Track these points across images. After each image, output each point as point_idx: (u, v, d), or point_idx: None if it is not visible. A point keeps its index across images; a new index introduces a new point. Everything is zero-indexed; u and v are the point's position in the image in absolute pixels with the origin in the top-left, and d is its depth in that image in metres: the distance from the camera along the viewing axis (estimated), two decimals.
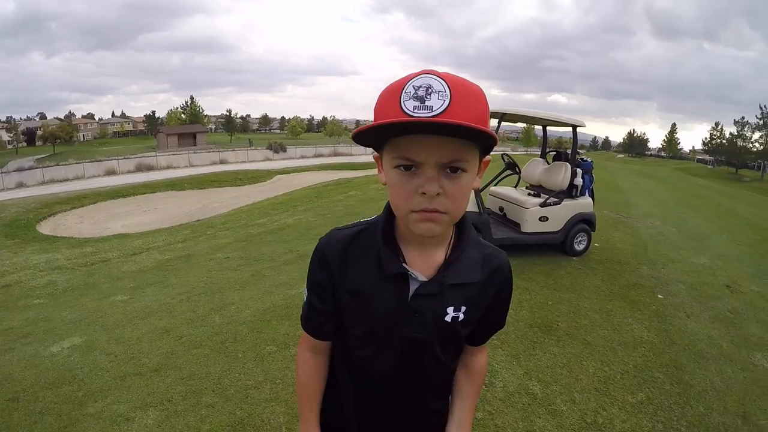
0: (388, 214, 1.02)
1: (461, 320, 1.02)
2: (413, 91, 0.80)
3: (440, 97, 0.79)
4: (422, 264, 1.00)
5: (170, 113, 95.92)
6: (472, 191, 3.96)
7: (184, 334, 4.05)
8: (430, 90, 0.79)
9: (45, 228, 14.95)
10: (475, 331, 1.10)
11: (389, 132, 0.83)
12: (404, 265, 0.98)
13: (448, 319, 1.01)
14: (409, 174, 0.85)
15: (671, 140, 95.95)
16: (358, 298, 1.03)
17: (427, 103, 0.78)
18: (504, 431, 2.79)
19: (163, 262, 7.25)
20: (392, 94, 0.83)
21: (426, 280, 0.99)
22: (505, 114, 6.11)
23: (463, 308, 1.02)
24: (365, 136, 0.84)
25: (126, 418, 2.89)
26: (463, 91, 0.81)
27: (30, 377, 3.49)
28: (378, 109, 0.86)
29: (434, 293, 0.99)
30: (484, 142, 0.84)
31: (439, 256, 1.01)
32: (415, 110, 0.79)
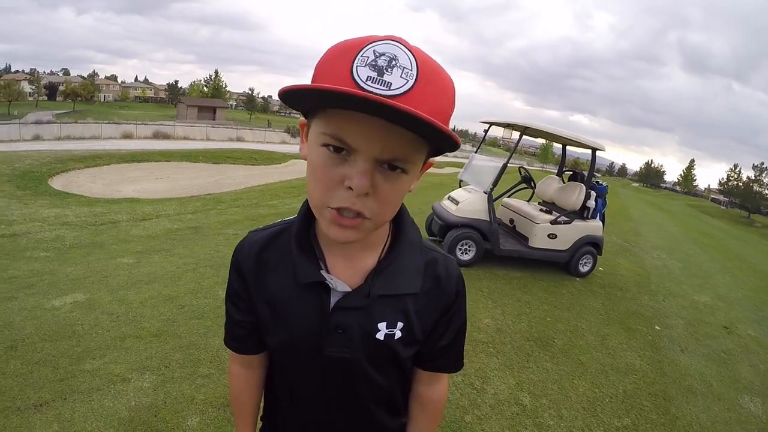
0: (307, 210, 0.87)
1: (399, 338, 0.87)
2: (372, 57, 0.63)
3: (404, 75, 0.63)
4: (347, 271, 0.86)
5: (193, 85, 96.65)
6: (485, 197, 4.00)
7: (187, 304, 4.11)
8: (393, 62, 0.63)
9: (57, 183, 15.04)
10: (422, 353, 0.95)
11: (325, 100, 0.64)
12: (322, 272, 0.83)
13: (379, 336, 0.85)
14: (337, 158, 0.68)
15: (688, 176, 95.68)
16: (274, 310, 0.89)
17: (386, 77, 0.62)
18: None
19: (172, 231, 7.32)
20: (344, 53, 0.66)
21: (350, 290, 0.84)
22: (527, 128, 6.15)
23: (400, 324, 0.86)
24: (295, 96, 0.65)
25: (122, 378, 2.95)
26: (431, 75, 0.66)
27: (30, 327, 3.55)
28: (321, 66, 0.69)
29: (360, 306, 0.84)
30: (440, 143, 0.69)
31: (370, 261, 0.86)
32: (369, 82, 0.62)
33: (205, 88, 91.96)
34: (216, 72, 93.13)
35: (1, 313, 3.79)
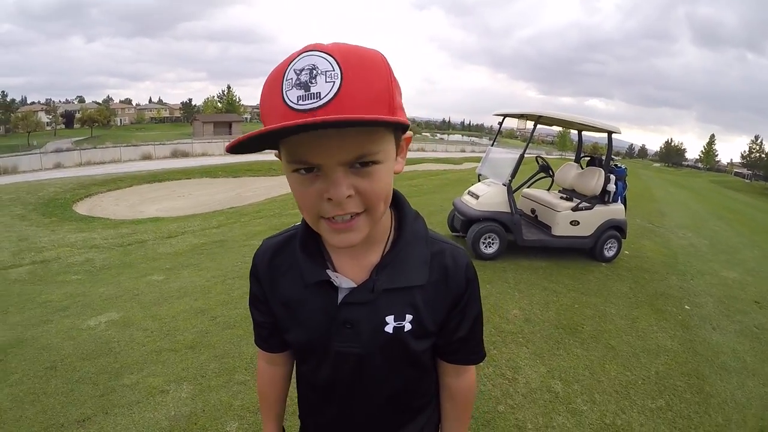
0: None
1: (409, 331, 0.88)
2: (295, 77, 0.65)
3: (328, 78, 0.64)
4: (353, 268, 0.88)
5: (207, 101, 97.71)
6: (504, 189, 3.98)
7: (219, 315, 4.21)
8: (314, 72, 0.64)
9: (81, 208, 15.31)
10: (440, 345, 0.97)
11: (270, 139, 0.66)
12: (327, 271, 0.87)
13: (388, 329, 0.87)
14: (310, 177, 0.71)
15: (709, 151, 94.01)
16: (288, 311, 0.93)
17: (313, 89, 0.64)
18: (524, 426, 2.85)
19: (198, 246, 7.45)
20: (273, 83, 0.68)
21: (355, 286, 0.87)
22: (540, 117, 6.15)
23: (409, 316, 0.88)
24: (242, 147, 0.67)
25: (160, 390, 3.05)
26: (356, 64, 0.66)
27: (68, 348, 3.68)
28: (262, 103, 0.72)
29: (366, 301, 0.86)
30: (390, 125, 0.70)
31: (374, 257, 0.88)
32: (300, 102, 0.64)
33: (218, 103, 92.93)
34: (228, 87, 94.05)
35: (38, 335, 3.93)
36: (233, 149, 0.66)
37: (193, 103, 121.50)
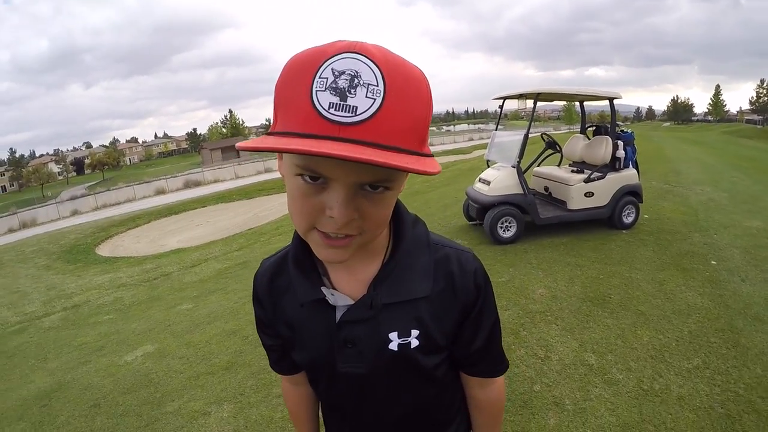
0: None
1: (416, 347, 0.81)
2: (331, 78, 0.57)
3: (370, 93, 0.57)
4: (350, 283, 0.82)
5: (211, 128, 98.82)
6: (514, 171, 3.96)
7: (250, 334, 4.27)
8: (356, 80, 0.57)
9: (104, 250, 15.55)
10: (458, 358, 0.91)
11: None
12: (322, 288, 0.81)
13: (393, 347, 0.80)
14: (315, 186, 0.64)
15: (717, 103, 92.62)
16: (292, 331, 0.88)
17: (350, 101, 0.56)
18: (562, 401, 2.87)
19: (222, 271, 7.56)
20: (301, 75, 0.59)
21: (352, 302, 0.80)
22: (539, 94, 6.14)
23: (415, 332, 0.81)
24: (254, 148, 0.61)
25: (203, 413, 3.13)
26: (401, 84, 0.59)
27: (108, 384, 3.80)
28: (281, 92, 0.62)
29: (366, 318, 0.80)
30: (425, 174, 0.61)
31: (372, 269, 0.82)
32: (332, 110, 0.56)
33: (223, 129, 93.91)
34: (230, 111, 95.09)
35: (79, 377, 4.04)
36: (246, 149, 0.61)
37: (198, 132, 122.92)
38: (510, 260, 5.47)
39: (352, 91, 0.56)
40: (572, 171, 6.71)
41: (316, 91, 0.57)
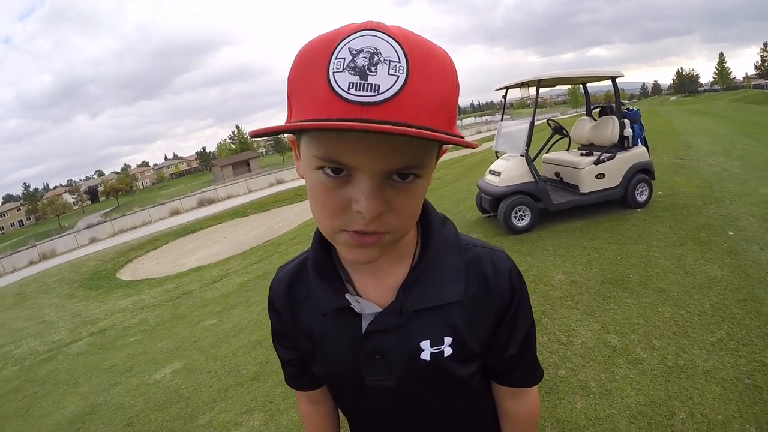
0: (321, 234, 0.78)
1: (450, 355, 0.75)
2: (349, 57, 0.53)
3: (392, 70, 0.52)
4: (377, 288, 0.76)
5: (220, 146, 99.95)
6: (523, 160, 3.93)
7: None
8: (376, 57, 0.52)
9: (125, 274, 15.74)
10: (491, 366, 0.85)
11: (311, 131, 0.57)
12: (347, 296, 0.74)
13: (425, 356, 0.74)
14: (338, 180, 0.59)
15: (722, 71, 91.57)
16: (312, 343, 0.82)
17: (372, 79, 0.52)
18: (587, 385, 2.88)
19: (243, 284, 7.65)
20: (316, 58, 0.55)
21: (379, 310, 0.74)
22: (541, 80, 6.14)
23: (448, 339, 0.75)
24: (272, 132, 0.53)
25: (234, 423, 3.22)
26: (423, 60, 0.55)
27: (140, 403, 3.90)
28: (294, 79, 0.59)
29: (395, 326, 0.74)
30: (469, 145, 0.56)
31: (400, 273, 0.76)
32: (352, 90, 0.52)
33: (232, 145, 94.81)
34: (237, 127, 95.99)
35: (110, 398, 4.14)
36: (259, 136, 0.55)
37: (208, 150, 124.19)
38: (527, 249, 5.47)
39: (373, 68, 0.52)
40: (581, 154, 6.69)
41: (334, 72, 0.53)
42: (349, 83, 0.52)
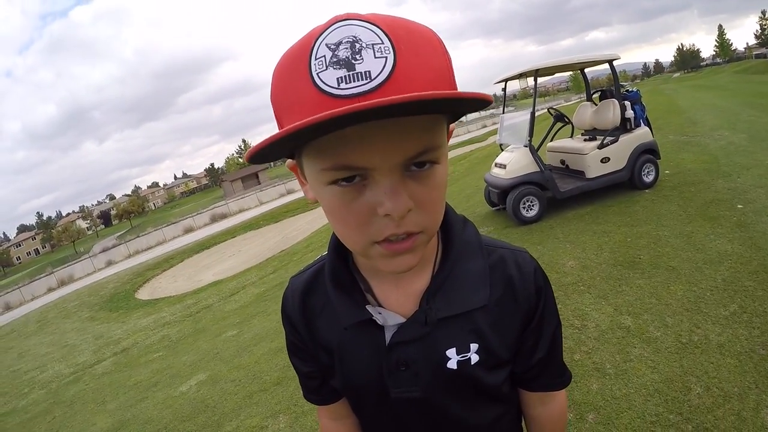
0: (337, 243, 0.75)
1: (477, 362, 0.72)
2: (329, 53, 0.49)
3: (378, 53, 0.49)
4: (399, 298, 0.73)
5: (228, 161, 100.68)
6: (527, 150, 3.91)
7: None
8: (357, 45, 0.49)
9: (143, 294, 15.92)
10: (518, 372, 0.81)
11: (302, 137, 0.50)
12: (368, 308, 0.71)
13: (451, 365, 0.71)
14: (354, 188, 0.55)
15: (722, 43, 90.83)
16: (331, 356, 0.78)
17: (359, 67, 0.48)
18: (602, 366, 2.91)
19: (261, 295, 7.76)
20: (295, 65, 0.52)
21: (403, 321, 0.71)
22: (538, 70, 6.17)
23: (474, 346, 0.72)
24: (266, 153, 0.50)
25: (260, 427, 3.34)
26: (408, 37, 0.52)
27: (167, 416, 4.02)
28: (278, 96, 0.55)
29: (420, 336, 0.71)
30: (463, 108, 0.54)
31: (422, 281, 0.73)
32: (343, 85, 0.48)
33: (239, 159, 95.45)
34: (244, 141, 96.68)
35: (138, 413, 4.26)
36: (255, 156, 0.50)
37: (216, 166, 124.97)
38: (537, 238, 5.51)
39: (358, 56, 0.48)
40: (585, 140, 6.72)
41: (318, 73, 0.49)
42: (338, 78, 0.48)
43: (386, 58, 0.49)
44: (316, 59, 0.49)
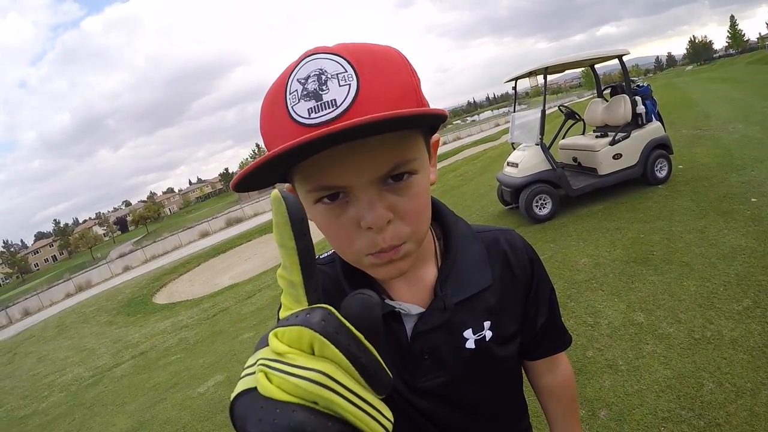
0: None
1: (491, 338, 0.77)
2: (300, 88, 0.54)
3: (342, 81, 0.53)
4: (412, 291, 0.76)
5: (242, 165, 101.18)
6: (539, 149, 3.89)
7: None
8: (323, 76, 0.54)
9: (160, 298, 16.02)
10: (524, 342, 0.85)
11: (282, 163, 0.52)
12: (388, 302, 0.74)
13: (470, 345, 0.75)
14: (338, 206, 0.59)
15: (735, 34, 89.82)
16: None
17: (326, 97, 0.53)
18: (615, 363, 2.94)
19: (277, 297, 7.79)
20: (274, 101, 0.57)
21: (423, 310, 0.74)
22: (548, 68, 6.19)
23: (487, 323, 0.77)
24: (250, 182, 0.54)
25: None
26: (370, 62, 0.56)
27: (186, 416, 4.11)
28: (264, 129, 0.60)
29: (440, 323, 0.74)
30: (431, 120, 0.57)
31: (430, 273, 0.77)
32: (313, 115, 0.53)
33: None
34: (257, 146, 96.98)
35: (157, 414, 4.35)
36: (239, 185, 0.54)
37: (230, 170, 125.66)
38: (550, 236, 5.52)
39: (324, 87, 0.53)
40: (597, 136, 6.71)
41: (292, 106, 0.54)
42: (308, 109, 0.53)
43: (350, 85, 0.53)
44: (290, 93, 0.55)
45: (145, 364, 6.80)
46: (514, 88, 7.30)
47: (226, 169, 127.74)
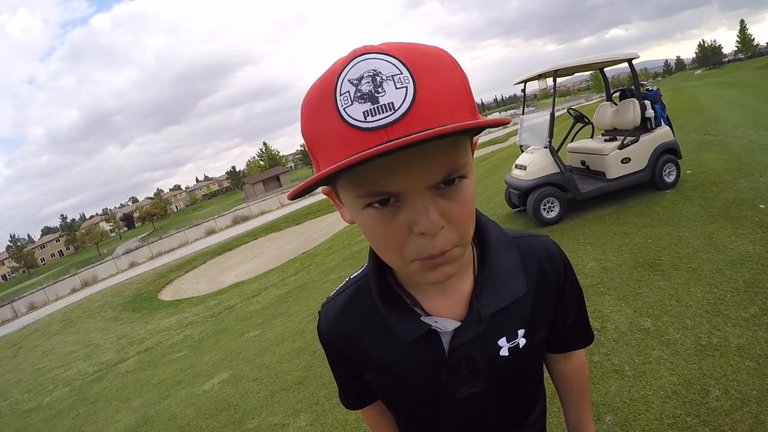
0: (377, 261, 0.77)
1: (525, 345, 0.78)
2: (353, 89, 0.52)
3: (398, 83, 0.52)
4: (447, 302, 0.76)
5: (249, 163, 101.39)
6: (547, 152, 3.94)
7: (318, 349, 4.48)
8: (378, 78, 0.52)
9: (166, 295, 16.06)
10: (554, 342, 0.89)
11: (348, 168, 0.50)
12: (423, 320, 0.74)
13: (504, 353, 0.76)
14: (389, 210, 0.58)
15: (744, 39, 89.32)
16: (384, 376, 0.81)
17: (383, 99, 0.51)
18: (621, 368, 2.93)
19: (283, 296, 7.86)
20: (322, 102, 0.55)
21: (458, 324, 0.74)
22: (557, 71, 6.17)
23: (521, 332, 0.77)
24: (306, 191, 0.56)
25: (282, 425, 3.44)
26: (424, 62, 0.55)
27: (190, 413, 4.15)
28: (309, 132, 0.58)
29: (476, 335, 0.75)
30: (480, 129, 0.58)
31: (466, 284, 0.77)
32: (369, 118, 0.51)
33: (261, 162, 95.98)
34: (265, 144, 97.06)
35: (161, 410, 4.39)
36: (296, 196, 0.58)
37: (237, 169, 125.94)
38: (557, 240, 5.39)
39: (380, 89, 0.52)
40: (605, 140, 6.69)
41: (344, 108, 0.52)
42: (364, 112, 0.51)
43: (407, 87, 0.52)
44: (341, 95, 0.53)
45: (149, 360, 6.84)
46: (523, 90, 7.29)
47: (233, 167, 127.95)
